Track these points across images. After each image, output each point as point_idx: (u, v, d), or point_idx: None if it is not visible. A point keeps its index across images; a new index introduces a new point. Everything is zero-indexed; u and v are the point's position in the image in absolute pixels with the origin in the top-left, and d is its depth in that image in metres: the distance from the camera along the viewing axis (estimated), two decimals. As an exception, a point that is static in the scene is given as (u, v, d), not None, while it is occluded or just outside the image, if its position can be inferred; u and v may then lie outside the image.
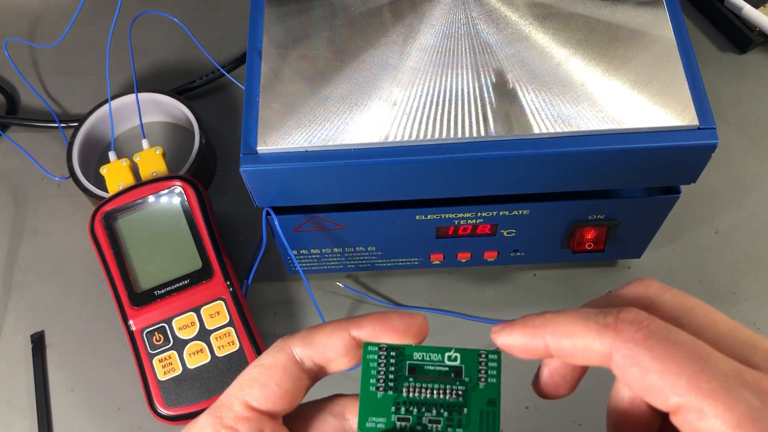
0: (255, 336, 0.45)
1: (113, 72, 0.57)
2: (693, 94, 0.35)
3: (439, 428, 0.23)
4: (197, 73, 0.57)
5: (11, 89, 0.59)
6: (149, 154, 0.50)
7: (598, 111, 0.35)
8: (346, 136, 0.35)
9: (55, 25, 0.62)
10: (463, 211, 0.40)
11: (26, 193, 0.54)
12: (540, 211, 0.40)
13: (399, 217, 0.40)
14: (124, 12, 0.61)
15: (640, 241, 0.44)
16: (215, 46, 0.59)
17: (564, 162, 0.35)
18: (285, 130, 0.35)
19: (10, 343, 0.48)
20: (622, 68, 0.36)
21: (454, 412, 0.23)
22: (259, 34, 0.38)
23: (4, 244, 0.52)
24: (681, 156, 0.35)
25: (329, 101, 0.36)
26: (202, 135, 0.51)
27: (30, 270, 0.51)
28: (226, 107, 0.57)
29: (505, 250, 0.44)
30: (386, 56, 0.37)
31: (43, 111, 0.58)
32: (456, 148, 0.35)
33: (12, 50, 0.59)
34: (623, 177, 0.37)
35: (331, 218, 0.40)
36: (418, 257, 0.45)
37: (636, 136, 0.34)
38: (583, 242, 0.43)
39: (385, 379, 0.23)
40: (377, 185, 0.37)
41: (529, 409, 0.44)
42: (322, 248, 0.43)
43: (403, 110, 0.35)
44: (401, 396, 0.23)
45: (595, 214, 0.41)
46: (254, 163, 0.35)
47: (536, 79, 0.36)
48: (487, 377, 0.23)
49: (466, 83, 0.36)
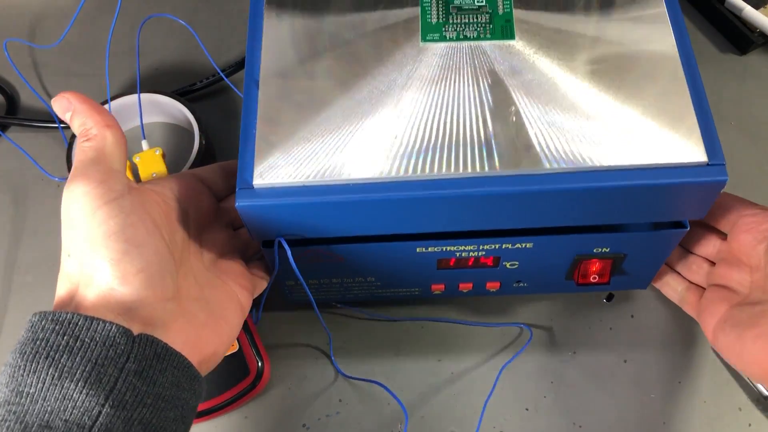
0: (255, 336, 0.45)
1: (113, 72, 0.57)
2: (702, 128, 0.34)
3: (474, 36, 0.37)
4: (197, 74, 0.57)
5: (11, 89, 0.59)
6: (149, 155, 0.50)
7: (604, 146, 0.34)
8: (345, 169, 0.34)
9: (55, 25, 0.62)
10: (465, 244, 0.39)
11: (26, 194, 0.54)
12: (544, 244, 0.39)
13: (399, 249, 0.39)
14: (123, 12, 0.61)
15: (646, 273, 0.43)
16: (215, 47, 0.59)
17: (570, 198, 0.34)
18: (282, 164, 0.34)
19: (10, 343, 0.48)
20: (630, 101, 0.35)
21: (484, 27, 0.37)
22: (257, 61, 0.37)
23: (4, 244, 0.52)
24: (689, 192, 0.34)
25: (328, 134, 0.34)
26: (202, 136, 0.51)
27: (30, 270, 0.51)
28: (226, 108, 0.57)
29: (508, 281, 0.43)
30: (386, 86, 0.36)
31: (43, 111, 0.58)
32: (458, 183, 0.33)
33: (12, 50, 0.59)
34: (630, 213, 0.36)
35: (329, 250, 0.39)
36: (418, 287, 0.44)
37: (644, 173, 0.33)
38: (588, 275, 0.42)
39: (437, 13, 0.38)
40: (377, 220, 0.36)
41: (529, 411, 0.44)
42: (320, 278, 0.42)
43: (404, 143, 0.34)
44: (448, 22, 0.37)
45: (601, 247, 0.40)
46: (250, 198, 0.34)
47: (541, 112, 0.35)
48: (504, 7, 0.38)
49: (469, 115, 0.35)
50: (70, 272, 0.32)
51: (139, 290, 0.31)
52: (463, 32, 0.37)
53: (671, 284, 0.44)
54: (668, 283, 0.45)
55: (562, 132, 0.34)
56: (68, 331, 0.29)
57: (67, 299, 0.31)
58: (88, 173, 0.32)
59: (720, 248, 0.42)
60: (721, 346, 0.39)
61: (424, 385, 0.46)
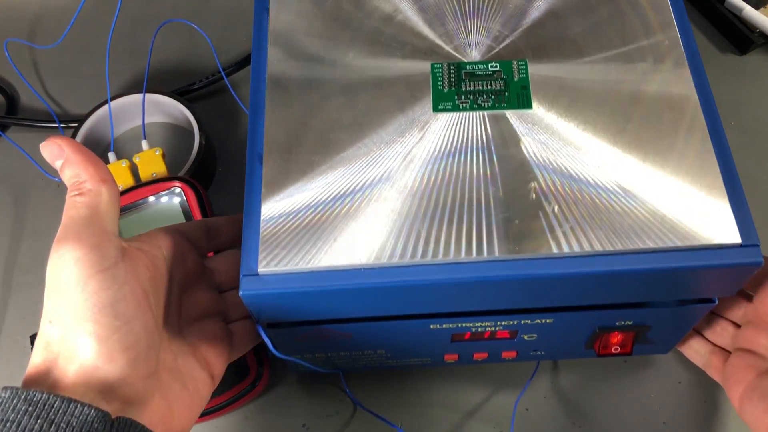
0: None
1: (113, 72, 0.57)
2: (733, 206, 0.32)
3: (489, 105, 0.35)
4: (196, 74, 0.57)
5: (11, 89, 0.59)
6: (149, 155, 0.50)
7: (630, 227, 0.31)
8: (353, 253, 0.32)
9: (55, 25, 0.62)
10: (481, 321, 0.36)
11: (26, 194, 0.54)
12: (565, 319, 0.36)
13: (412, 326, 0.37)
14: (124, 12, 0.61)
15: (670, 341, 0.41)
16: (215, 47, 0.59)
17: (593, 282, 0.32)
18: (288, 249, 0.32)
19: (10, 343, 0.48)
20: (655, 174, 0.33)
21: (499, 96, 0.35)
22: (260, 135, 0.35)
23: (4, 244, 0.52)
24: (721, 275, 0.32)
25: (335, 215, 0.33)
26: (202, 136, 0.51)
27: (30, 270, 0.51)
28: (226, 108, 0.57)
29: (525, 351, 0.41)
30: (397, 161, 0.34)
31: (43, 111, 0.58)
32: (473, 268, 0.31)
33: (12, 50, 0.59)
34: (657, 293, 0.34)
35: (337, 328, 0.37)
36: (430, 358, 0.42)
37: (672, 255, 0.31)
38: (609, 346, 0.40)
39: (448, 80, 0.35)
40: (388, 304, 0.34)
41: (529, 411, 0.44)
42: (327, 352, 0.40)
43: (415, 225, 0.32)
44: (461, 90, 0.35)
45: (624, 320, 0.37)
46: (256, 286, 0.31)
47: (562, 189, 0.32)
48: (519, 74, 0.35)
49: (485, 192, 0.33)
50: (49, 340, 0.29)
51: (123, 368, 0.29)
52: (476, 101, 0.35)
53: (694, 347, 0.42)
54: (692, 346, 0.43)
55: (584, 210, 0.32)
56: (42, 414, 0.26)
57: (44, 371, 0.29)
58: (80, 236, 0.29)
59: (746, 310, 0.40)
60: (749, 417, 0.37)
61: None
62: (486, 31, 0.37)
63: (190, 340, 0.35)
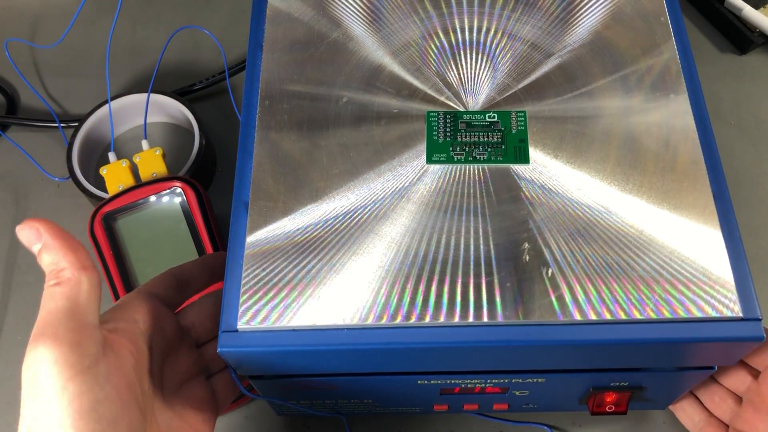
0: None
1: (113, 72, 0.57)
2: (735, 275, 0.31)
3: (485, 158, 0.33)
4: (197, 75, 0.57)
5: (11, 89, 0.59)
6: (149, 155, 0.50)
7: (627, 295, 0.30)
8: (336, 312, 0.30)
9: (55, 25, 0.62)
10: (471, 378, 0.35)
11: (26, 194, 0.54)
12: (557, 379, 0.35)
13: (399, 381, 0.35)
14: (124, 12, 0.61)
15: (666, 400, 0.40)
16: (215, 48, 0.59)
17: (587, 349, 0.31)
18: (269, 305, 0.31)
19: (10, 343, 0.48)
20: (656, 245, 0.31)
21: (495, 149, 0.34)
22: (247, 184, 0.34)
23: (4, 244, 0.52)
24: (719, 348, 0.31)
25: (318, 270, 0.31)
26: (202, 136, 0.51)
27: (30, 270, 0.51)
28: (227, 108, 0.57)
29: (517, 404, 0.40)
30: (386, 215, 0.32)
31: (43, 111, 0.58)
32: (462, 333, 0.30)
33: (12, 50, 0.59)
34: (654, 360, 0.33)
35: (322, 382, 0.35)
36: (419, 407, 0.40)
37: (671, 327, 0.30)
38: (604, 404, 0.38)
39: (444, 130, 0.34)
40: (372, 364, 0.32)
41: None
42: (312, 400, 0.38)
43: (400, 283, 0.31)
44: (456, 141, 0.34)
45: (619, 381, 0.36)
46: (235, 344, 0.30)
47: (557, 251, 0.31)
48: (518, 125, 0.34)
49: (476, 251, 0.31)
50: None
51: None
52: (472, 153, 0.34)
53: (688, 411, 0.40)
54: (685, 410, 0.40)
55: (580, 274, 0.31)
56: None
57: None
58: (57, 333, 0.27)
59: (750, 387, 0.37)
60: None
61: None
62: (485, 79, 0.36)
63: (177, 409, 0.34)
